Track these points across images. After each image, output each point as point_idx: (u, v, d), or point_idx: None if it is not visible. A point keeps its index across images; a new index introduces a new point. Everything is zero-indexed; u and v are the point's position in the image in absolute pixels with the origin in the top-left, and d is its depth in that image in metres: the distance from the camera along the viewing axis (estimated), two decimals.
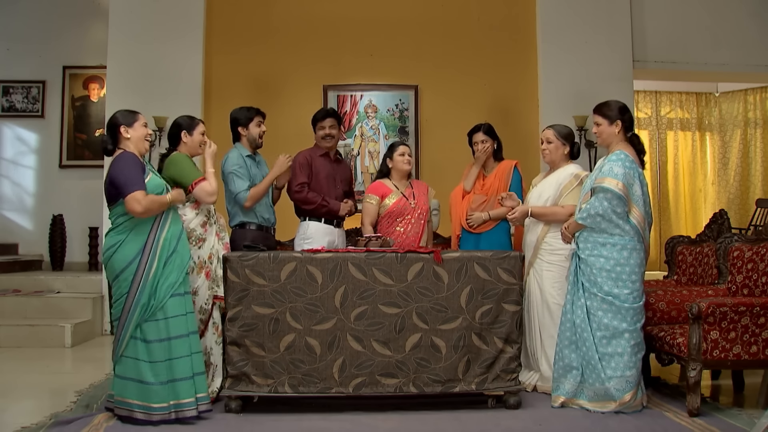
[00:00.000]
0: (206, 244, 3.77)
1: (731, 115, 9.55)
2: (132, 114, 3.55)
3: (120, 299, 3.35)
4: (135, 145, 3.50)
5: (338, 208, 4.51)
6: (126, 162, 3.39)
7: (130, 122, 3.51)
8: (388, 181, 4.51)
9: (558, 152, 4.06)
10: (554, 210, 3.93)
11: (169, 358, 3.34)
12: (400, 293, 3.54)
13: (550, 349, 3.84)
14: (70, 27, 7.55)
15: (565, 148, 4.05)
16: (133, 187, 3.32)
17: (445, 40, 6.63)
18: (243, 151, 4.24)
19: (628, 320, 3.50)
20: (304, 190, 4.45)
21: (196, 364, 3.42)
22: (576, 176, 3.95)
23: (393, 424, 3.34)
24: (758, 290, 3.69)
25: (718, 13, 6.74)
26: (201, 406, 3.40)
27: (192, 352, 3.41)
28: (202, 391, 3.43)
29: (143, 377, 3.30)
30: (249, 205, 4.15)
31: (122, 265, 3.34)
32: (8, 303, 5.99)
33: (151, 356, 3.32)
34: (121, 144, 3.50)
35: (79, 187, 7.40)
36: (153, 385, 3.29)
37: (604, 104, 3.74)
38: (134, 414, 3.30)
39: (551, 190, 3.98)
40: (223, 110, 4.65)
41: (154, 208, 3.36)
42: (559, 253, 3.89)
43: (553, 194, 3.97)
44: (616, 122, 3.66)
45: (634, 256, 3.51)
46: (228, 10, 6.58)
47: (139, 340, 3.33)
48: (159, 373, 3.31)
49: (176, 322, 3.38)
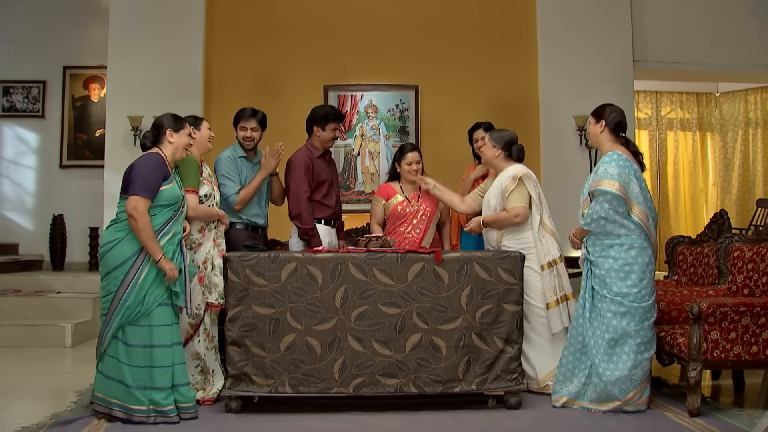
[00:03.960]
0: (202, 249, 3.76)
1: (732, 115, 9.53)
2: (181, 121, 3.58)
3: (108, 296, 3.34)
4: (174, 150, 3.52)
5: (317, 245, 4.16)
6: (151, 164, 3.39)
7: (177, 128, 3.53)
8: (396, 184, 4.53)
9: (489, 153, 4.10)
10: (499, 217, 3.97)
11: (150, 366, 3.32)
12: (400, 293, 3.54)
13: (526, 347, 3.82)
14: (71, 27, 7.55)
15: (496, 150, 4.08)
16: (141, 192, 3.31)
17: (445, 40, 6.64)
18: (238, 151, 4.24)
19: (636, 319, 3.49)
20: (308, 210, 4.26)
21: (178, 375, 3.39)
22: (514, 177, 3.97)
23: (393, 424, 3.34)
24: (759, 290, 3.68)
25: (718, 13, 6.75)
26: (185, 414, 3.37)
27: (174, 363, 3.38)
28: (187, 401, 3.39)
29: (124, 379, 3.30)
30: (239, 208, 4.15)
31: (116, 263, 3.33)
32: (8, 303, 5.98)
33: (130, 360, 3.31)
34: (162, 145, 3.51)
35: (80, 187, 7.40)
36: (132, 388, 3.29)
37: (598, 106, 3.78)
38: (113, 412, 3.31)
39: (495, 197, 4.02)
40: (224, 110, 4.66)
41: (138, 227, 3.28)
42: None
43: (497, 200, 4.01)
44: (601, 122, 3.68)
45: (642, 255, 3.51)
46: (228, 10, 6.58)
47: (120, 342, 3.33)
48: (137, 377, 3.30)
49: (160, 331, 3.36)
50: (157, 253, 3.31)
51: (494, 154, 4.09)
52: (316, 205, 4.35)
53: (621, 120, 3.68)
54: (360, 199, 6.58)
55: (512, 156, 4.09)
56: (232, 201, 4.12)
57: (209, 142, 3.91)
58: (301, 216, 4.26)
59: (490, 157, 4.12)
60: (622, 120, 3.69)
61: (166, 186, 3.40)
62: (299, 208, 4.26)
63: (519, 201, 3.93)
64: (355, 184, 6.63)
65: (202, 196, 3.77)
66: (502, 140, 4.10)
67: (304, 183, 4.27)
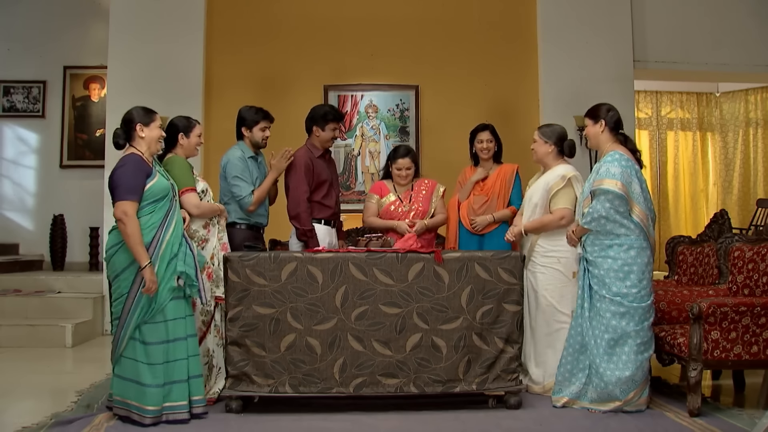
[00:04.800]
0: (209, 245, 3.77)
1: (732, 115, 9.53)
2: (150, 113, 3.52)
3: (120, 298, 3.34)
4: (148, 145, 3.48)
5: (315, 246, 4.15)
6: (130, 166, 3.37)
7: (147, 122, 3.48)
8: (389, 183, 4.56)
9: (542, 150, 4.05)
10: (542, 222, 3.93)
11: (167, 361, 3.34)
12: (400, 293, 3.54)
13: (542, 350, 3.84)
14: (71, 27, 7.55)
15: (548, 146, 4.03)
16: (126, 196, 3.30)
17: (445, 40, 6.63)
18: (246, 151, 4.21)
19: (636, 320, 3.49)
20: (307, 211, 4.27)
21: (193, 367, 3.42)
22: (563, 177, 3.93)
23: (393, 424, 3.34)
24: (759, 290, 3.68)
25: (718, 13, 6.74)
26: (196, 408, 3.39)
27: (189, 355, 3.41)
28: (198, 393, 3.42)
29: (141, 379, 3.29)
30: (253, 209, 4.14)
31: (124, 265, 3.33)
32: (9, 303, 5.98)
33: (149, 358, 3.31)
34: (134, 142, 3.47)
35: (80, 187, 7.39)
36: (149, 387, 3.29)
37: (592, 107, 3.77)
38: (132, 415, 3.31)
39: (539, 194, 3.98)
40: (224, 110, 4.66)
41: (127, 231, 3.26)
42: (551, 255, 3.90)
43: (541, 198, 3.96)
44: (600, 122, 3.68)
45: (641, 255, 3.52)
46: (228, 10, 6.58)
47: (138, 342, 3.32)
48: (157, 375, 3.31)
49: (175, 325, 3.37)
50: (144, 260, 3.27)
51: (547, 150, 4.03)
52: (316, 206, 4.34)
53: (618, 117, 3.69)
54: (360, 199, 6.56)
55: (564, 152, 4.05)
56: (247, 202, 4.10)
57: (196, 149, 3.89)
58: (300, 216, 4.25)
59: (542, 154, 4.04)
60: (619, 117, 3.70)
61: (151, 182, 3.39)
62: (298, 208, 4.26)
63: (565, 203, 3.88)
64: (356, 184, 6.63)
65: (199, 192, 3.77)
66: (554, 135, 4.04)
67: (303, 183, 4.26)
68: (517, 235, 4.02)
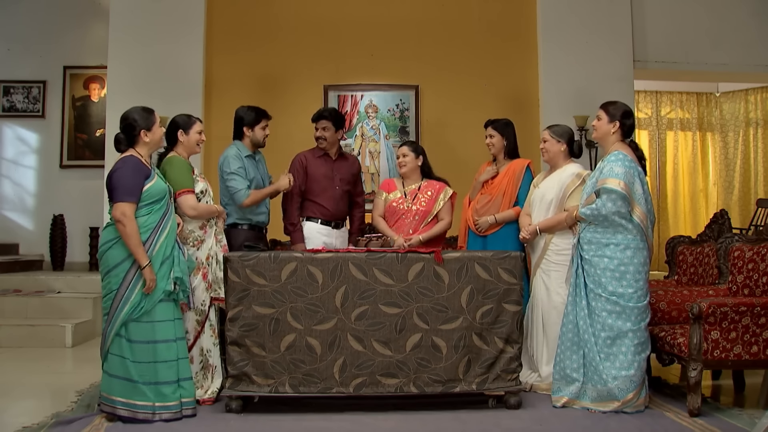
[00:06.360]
0: (204, 246, 3.77)
1: (732, 115, 9.53)
2: (150, 115, 3.53)
3: (110, 294, 3.36)
4: (149, 149, 3.52)
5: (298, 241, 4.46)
6: (129, 168, 3.39)
7: (149, 125, 3.50)
8: (398, 180, 4.59)
9: (554, 149, 4.07)
10: (558, 220, 3.92)
11: (154, 361, 3.35)
12: (400, 293, 3.54)
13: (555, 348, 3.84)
14: (71, 27, 7.55)
15: (561, 145, 4.06)
16: (125, 197, 3.32)
17: (445, 40, 6.63)
18: (243, 150, 4.24)
19: (632, 320, 3.50)
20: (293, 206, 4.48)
21: (182, 370, 3.43)
22: (578, 176, 3.96)
23: (393, 424, 3.34)
24: (759, 290, 3.68)
25: (718, 13, 6.74)
26: (186, 410, 3.40)
27: (179, 357, 3.41)
28: (188, 396, 3.43)
29: (130, 375, 3.31)
30: (248, 203, 4.15)
31: (116, 261, 3.34)
32: (9, 303, 5.99)
33: (134, 356, 3.33)
34: (137, 146, 3.49)
35: (80, 187, 7.40)
36: (138, 384, 3.31)
37: (611, 102, 3.77)
38: (117, 411, 3.32)
39: (554, 192, 3.98)
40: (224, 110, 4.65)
41: (126, 232, 3.29)
42: (565, 253, 3.89)
43: (557, 195, 3.97)
44: (615, 122, 3.68)
45: (638, 255, 3.52)
46: (229, 10, 6.57)
47: (123, 339, 3.34)
48: (143, 373, 3.33)
49: (163, 327, 3.38)
50: (144, 260, 3.31)
51: (559, 149, 4.06)
52: (309, 204, 4.50)
53: (633, 124, 3.73)
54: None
55: (573, 151, 4.09)
56: (243, 195, 4.12)
57: (198, 145, 3.89)
58: (286, 210, 4.50)
59: (554, 153, 4.07)
60: (633, 124, 3.73)
61: (149, 184, 3.41)
62: (286, 203, 4.48)
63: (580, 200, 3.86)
64: None
65: (198, 192, 3.77)
66: (565, 135, 4.08)
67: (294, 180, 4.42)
68: (532, 233, 4.01)
